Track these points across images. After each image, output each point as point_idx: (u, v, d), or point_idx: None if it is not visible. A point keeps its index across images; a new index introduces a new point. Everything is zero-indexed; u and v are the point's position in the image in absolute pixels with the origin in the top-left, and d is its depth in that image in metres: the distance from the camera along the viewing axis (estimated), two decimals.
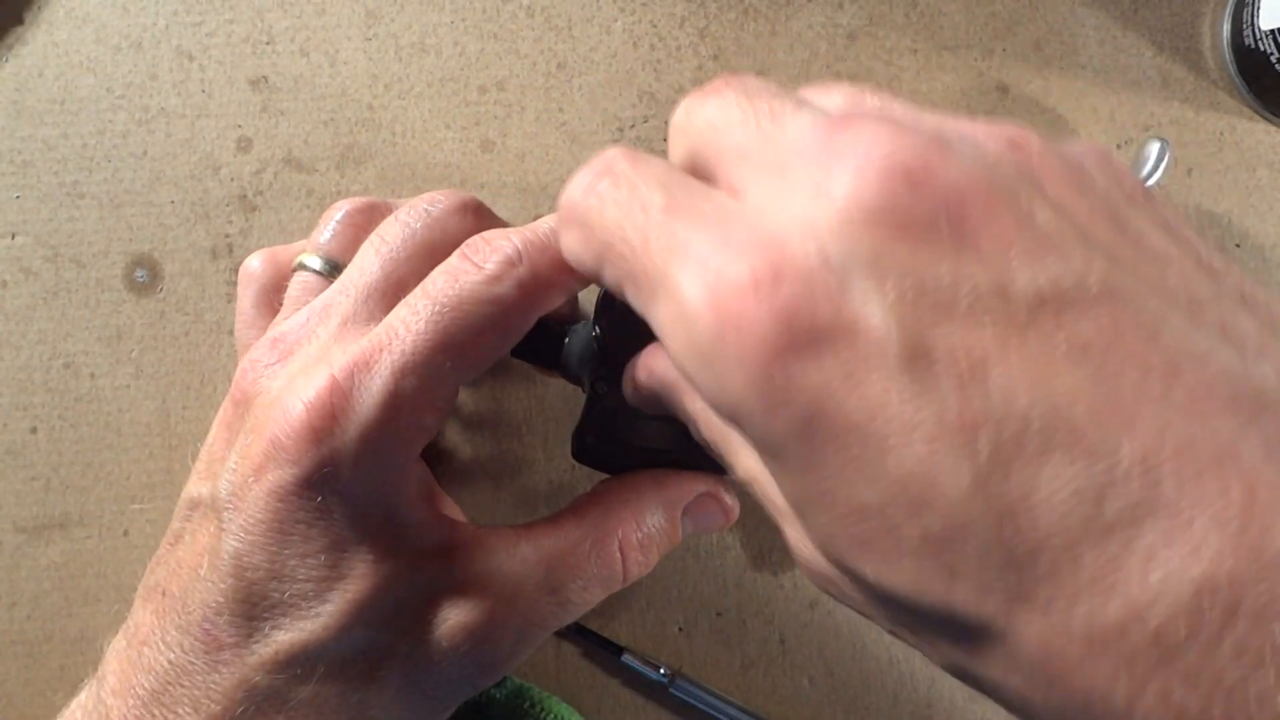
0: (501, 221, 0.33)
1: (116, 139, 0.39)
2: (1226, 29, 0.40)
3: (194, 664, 0.28)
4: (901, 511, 0.18)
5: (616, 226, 0.21)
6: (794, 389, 0.18)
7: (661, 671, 0.37)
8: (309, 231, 0.34)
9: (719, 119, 0.22)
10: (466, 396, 0.39)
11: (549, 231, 0.28)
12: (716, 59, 0.40)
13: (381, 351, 0.27)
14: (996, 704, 0.19)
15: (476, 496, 0.38)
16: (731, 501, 0.33)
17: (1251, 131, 0.40)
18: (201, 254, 0.39)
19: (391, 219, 0.31)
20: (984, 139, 0.20)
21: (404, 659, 0.29)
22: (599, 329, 0.32)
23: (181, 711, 0.28)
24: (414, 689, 0.29)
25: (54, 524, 0.38)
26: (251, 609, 0.28)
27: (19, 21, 0.39)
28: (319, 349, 0.29)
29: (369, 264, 0.30)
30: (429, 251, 0.30)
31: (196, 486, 0.30)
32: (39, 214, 0.38)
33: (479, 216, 0.32)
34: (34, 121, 0.39)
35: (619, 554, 0.31)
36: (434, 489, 0.31)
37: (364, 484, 0.28)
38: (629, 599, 0.38)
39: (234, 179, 0.39)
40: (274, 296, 0.34)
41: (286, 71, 0.39)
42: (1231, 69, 0.40)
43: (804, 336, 0.18)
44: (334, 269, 0.32)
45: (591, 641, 0.38)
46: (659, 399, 0.27)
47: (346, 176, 0.39)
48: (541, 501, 0.38)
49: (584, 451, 0.33)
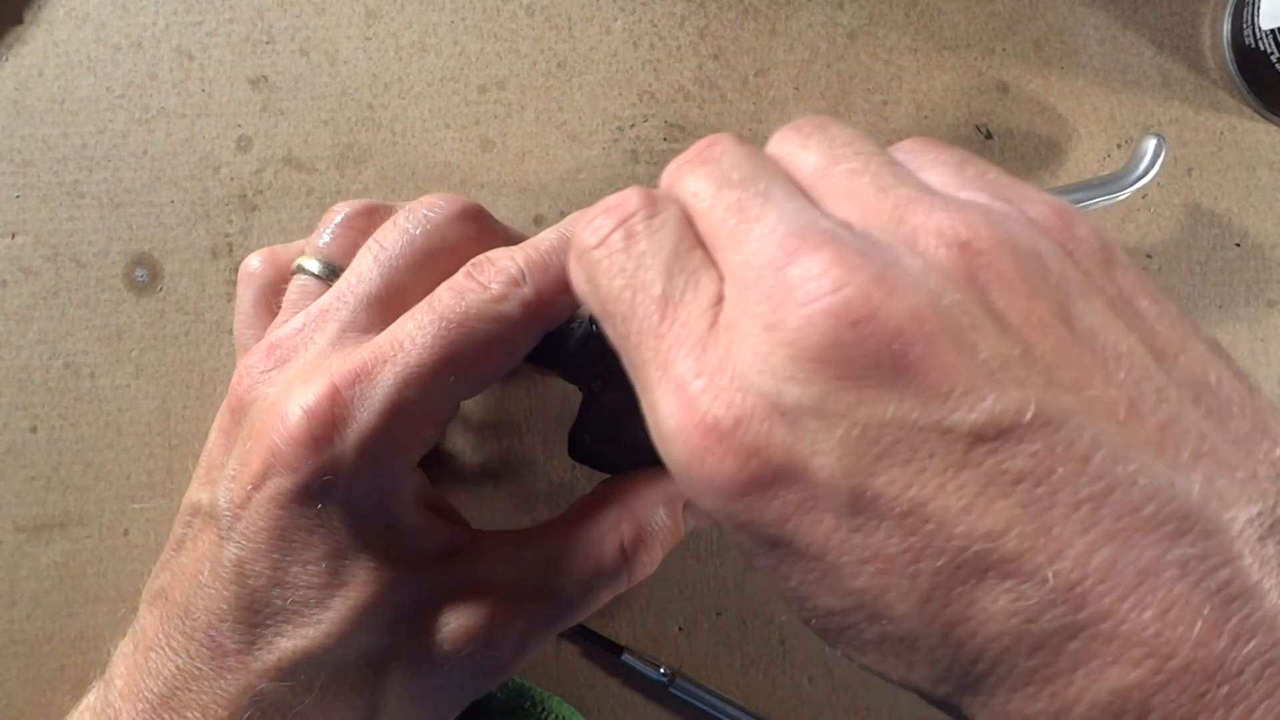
0: (501, 226, 0.33)
1: (116, 138, 0.39)
2: (1227, 28, 0.40)
3: (200, 670, 0.28)
4: (860, 617, 0.20)
5: (616, 300, 0.23)
6: (756, 517, 0.20)
7: (661, 671, 0.37)
8: (309, 231, 0.34)
9: (697, 199, 0.23)
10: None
11: (550, 250, 0.29)
12: (716, 58, 0.40)
13: (385, 362, 0.27)
14: None
15: (477, 497, 0.38)
16: None
17: (1251, 131, 0.40)
18: (201, 253, 0.38)
19: (390, 224, 0.31)
20: (935, 247, 0.20)
21: (407, 664, 0.29)
22: (595, 328, 0.32)
23: (189, 717, 0.28)
24: (417, 693, 0.29)
25: (54, 523, 0.38)
26: (254, 616, 0.28)
27: (19, 21, 0.39)
28: (316, 356, 0.29)
29: (367, 271, 0.30)
30: (428, 259, 0.30)
31: (197, 493, 0.30)
32: (39, 213, 0.38)
33: (478, 222, 0.32)
34: (34, 121, 0.39)
35: (623, 555, 0.31)
36: (434, 495, 0.31)
37: (363, 492, 0.28)
38: (629, 599, 0.38)
39: (234, 178, 0.39)
40: (273, 297, 0.33)
41: (286, 71, 0.39)
42: (1232, 68, 0.40)
43: (762, 477, 0.20)
44: (333, 272, 0.32)
45: (592, 641, 0.38)
46: None
47: (346, 176, 0.39)
48: (542, 502, 0.38)
49: (581, 451, 0.33)
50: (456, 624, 0.29)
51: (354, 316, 0.29)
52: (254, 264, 0.34)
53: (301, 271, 0.32)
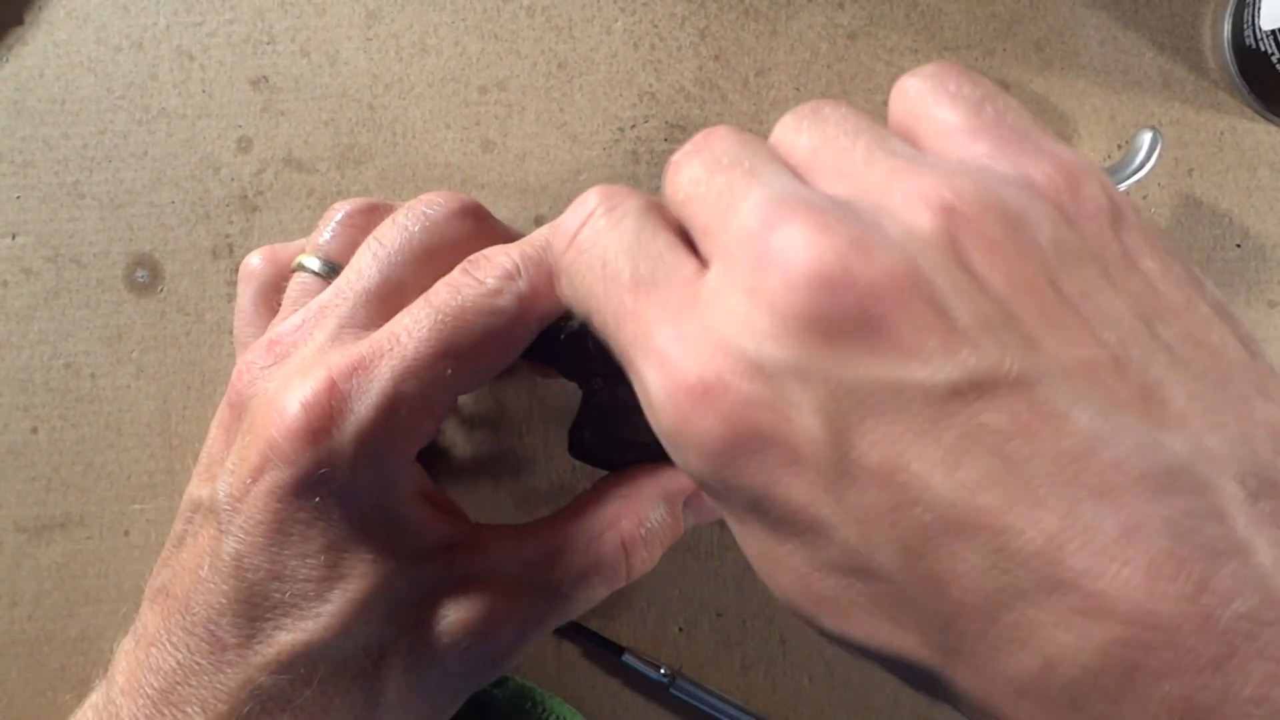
0: (500, 225, 0.33)
1: (117, 139, 0.39)
2: (1227, 29, 0.40)
3: (200, 664, 0.28)
4: (849, 576, 0.20)
5: (591, 294, 0.24)
6: (742, 478, 0.21)
7: (662, 671, 0.37)
8: (310, 231, 0.34)
9: (690, 187, 0.24)
10: (466, 396, 0.39)
11: (545, 245, 0.29)
12: (717, 59, 0.40)
13: (382, 356, 0.28)
14: None
15: (477, 496, 0.38)
16: None
17: (1252, 131, 0.40)
18: (202, 254, 0.39)
19: (389, 222, 0.31)
20: (918, 211, 0.20)
21: (405, 656, 0.29)
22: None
23: (190, 711, 0.28)
24: (416, 686, 0.29)
25: (55, 524, 0.38)
26: (253, 610, 0.28)
27: (19, 22, 0.39)
28: (315, 351, 0.29)
29: (366, 268, 0.30)
30: (426, 256, 0.30)
31: (197, 489, 0.30)
32: (40, 214, 0.38)
33: (477, 220, 0.32)
34: (35, 121, 0.39)
35: (622, 550, 0.31)
36: (433, 489, 0.31)
37: (361, 485, 0.28)
38: (629, 599, 0.38)
39: (234, 179, 0.39)
40: (273, 295, 0.34)
41: (287, 71, 0.39)
42: (1232, 69, 0.40)
43: (745, 439, 0.20)
44: (333, 270, 0.32)
45: (592, 642, 0.38)
46: None
47: (347, 176, 0.39)
48: (542, 501, 0.38)
49: (581, 448, 0.33)
50: (455, 617, 0.29)
51: (353, 313, 0.30)
52: (254, 262, 0.34)
53: (302, 269, 0.32)
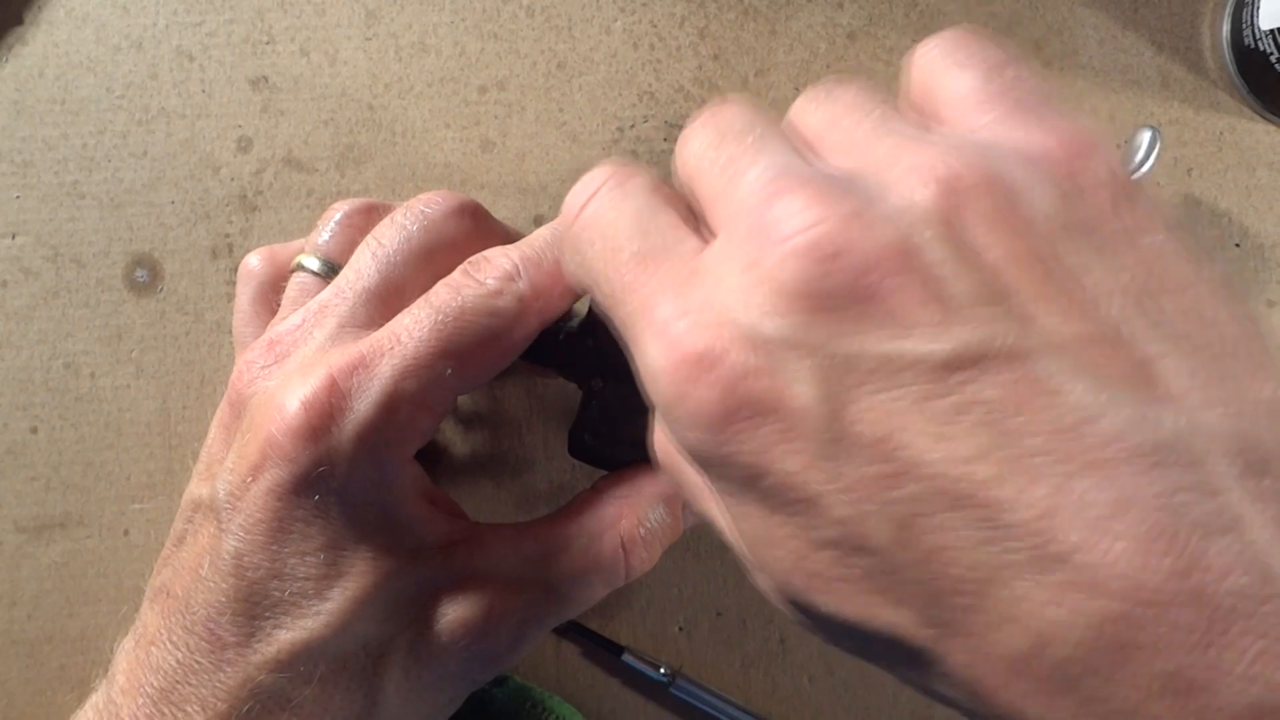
0: (499, 224, 0.33)
1: (117, 139, 0.39)
2: (1226, 29, 0.40)
3: (200, 663, 0.28)
4: (845, 549, 0.20)
5: (596, 268, 0.24)
6: (738, 450, 0.21)
7: (662, 671, 0.37)
8: (309, 231, 0.34)
9: (698, 158, 0.24)
10: (466, 395, 0.39)
11: (544, 246, 0.30)
12: (716, 59, 0.40)
13: (382, 355, 0.28)
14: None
15: (477, 496, 0.38)
16: None
17: (1251, 131, 0.40)
18: (202, 254, 0.39)
19: (388, 221, 0.31)
20: (916, 185, 0.21)
21: (405, 655, 0.29)
22: (594, 326, 0.32)
23: (190, 710, 0.28)
24: (416, 684, 0.29)
25: (55, 524, 0.38)
26: (253, 608, 0.28)
27: (19, 21, 0.39)
28: (315, 351, 0.29)
29: (365, 267, 0.30)
30: (425, 255, 0.31)
31: (197, 488, 0.30)
32: (39, 214, 0.38)
33: (476, 219, 0.32)
34: (34, 121, 0.39)
35: (621, 549, 0.31)
36: (432, 488, 0.31)
37: (361, 483, 0.28)
38: (629, 599, 0.38)
39: (234, 179, 0.39)
40: (272, 295, 0.34)
41: (287, 71, 0.39)
42: (1231, 69, 0.40)
43: (742, 409, 0.20)
44: (332, 270, 0.32)
45: (592, 641, 0.38)
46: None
47: (347, 176, 0.39)
48: (542, 501, 0.38)
49: (581, 449, 0.33)
50: (454, 615, 0.29)
51: (353, 312, 0.30)
52: (253, 262, 0.34)
53: (301, 269, 0.33)
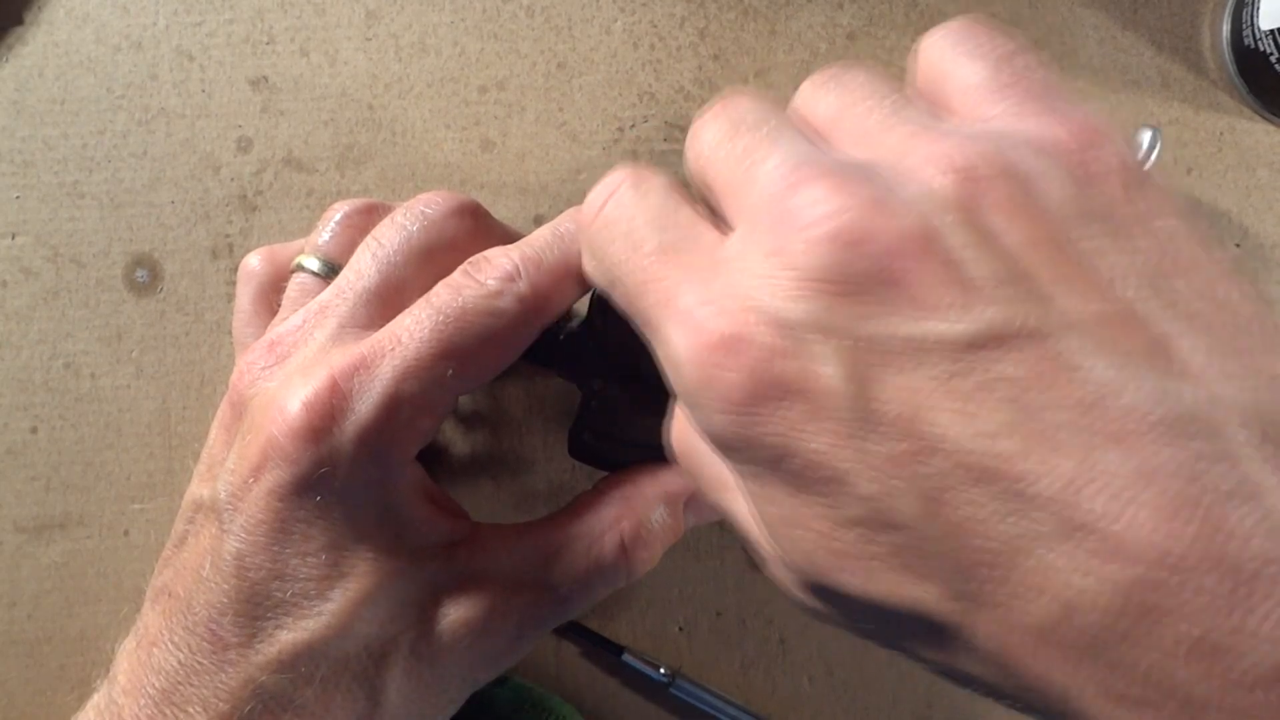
0: (499, 224, 0.33)
1: (117, 139, 0.39)
2: (1226, 29, 0.40)
3: (202, 664, 0.28)
4: (872, 527, 0.20)
5: (617, 265, 0.25)
6: (765, 432, 0.21)
7: (662, 671, 0.37)
8: (309, 231, 0.34)
9: (712, 150, 0.25)
10: (466, 396, 0.39)
11: (545, 246, 0.30)
12: (716, 59, 0.40)
13: (383, 356, 0.28)
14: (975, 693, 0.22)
15: (477, 496, 0.38)
16: None
17: (1251, 131, 0.40)
18: (202, 254, 0.39)
19: (388, 221, 0.31)
20: (934, 174, 0.21)
21: (406, 655, 0.29)
22: (594, 326, 0.32)
23: (192, 711, 0.28)
24: (417, 684, 0.29)
25: (54, 524, 0.38)
26: (255, 609, 0.28)
27: (19, 21, 0.39)
28: (316, 351, 0.29)
29: (365, 268, 0.30)
30: (425, 255, 0.31)
31: (198, 489, 0.30)
32: (39, 214, 0.38)
33: (476, 219, 0.32)
34: (34, 121, 0.39)
35: (622, 550, 0.31)
36: (434, 488, 0.31)
37: (362, 483, 0.28)
38: (629, 599, 0.38)
39: (234, 179, 0.39)
40: (272, 295, 0.34)
41: (287, 71, 0.39)
42: (1231, 69, 0.40)
43: (769, 390, 0.21)
44: (332, 270, 0.32)
45: (592, 641, 0.38)
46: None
47: (347, 176, 0.39)
48: (542, 501, 0.38)
49: (581, 449, 0.33)
50: (456, 615, 0.29)
51: (353, 312, 0.30)
52: (253, 263, 0.34)
53: (301, 269, 0.32)
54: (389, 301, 0.30)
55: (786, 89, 0.39)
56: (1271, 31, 0.37)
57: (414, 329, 0.28)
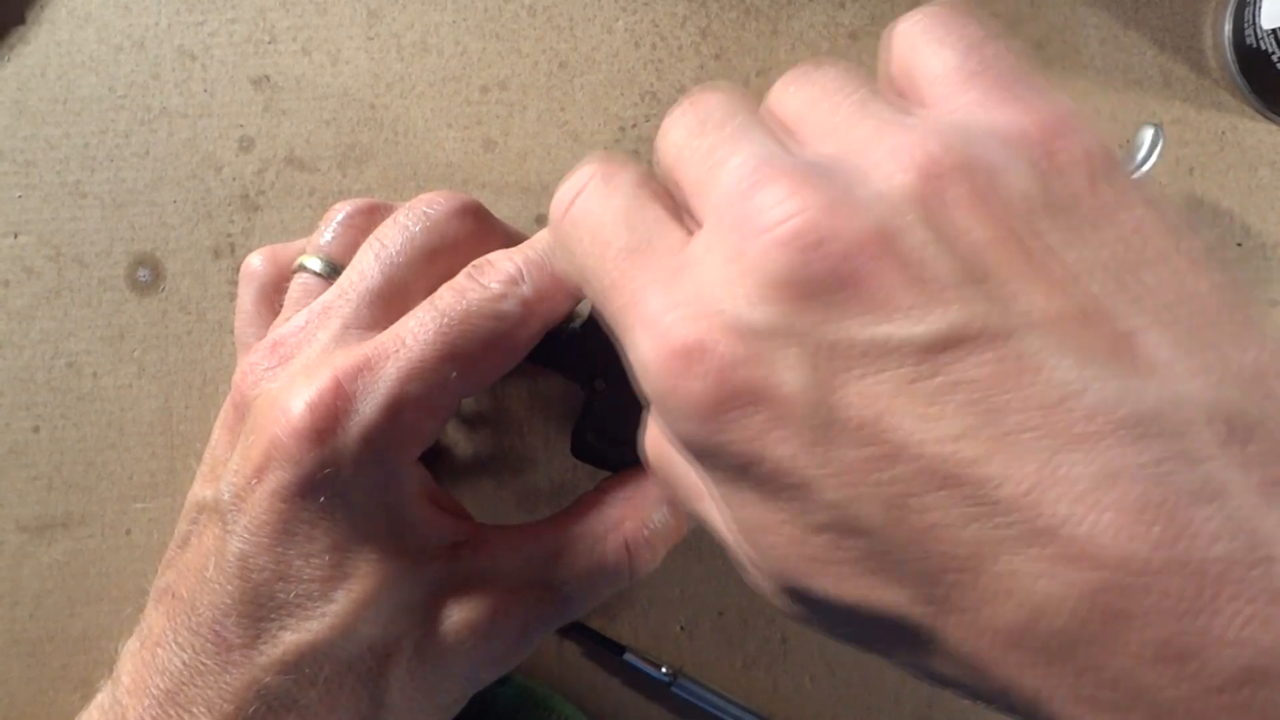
0: (500, 224, 0.33)
1: (119, 138, 0.39)
2: (1228, 28, 0.40)
3: (206, 665, 0.28)
4: (840, 532, 0.20)
5: (586, 265, 0.25)
6: (731, 439, 0.21)
7: (663, 671, 0.37)
8: (311, 231, 0.34)
9: (678, 148, 0.25)
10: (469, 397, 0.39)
11: (547, 248, 0.30)
12: (718, 58, 0.40)
13: (387, 357, 0.28)
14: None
15: (478, 495, 0.38)
16: None
17: (1253, 131, 0.40)
18: (203, 253, 0.39)
19: (390, 221, 0.31)
20: (895, 170, 0.21)
21: (410, 655, 0.29)
22: (596, 326, 0.32)
23: (196, 711, 0.28)
24: (421, 685, 0.29)
25: (56, 523, 0.38)
26: (258, 610, 0.28)
27: (21, 21, 0.39)
28: (319, 352, 0.29)
29: (368, 268, 0.30)
30: (428, 255, 0.31)
31: (201, 489, 0.30)
32: (41, 213, 0.38)
33: (478, 219, 0.32)
34: (36, 121, 0.39)
35: (625, 551, 0.31)
36: (437, 489, 0.31)
37: (366, 484, 0.28)
38: (631, 598, 0.38)
39: (236, 178, 0.39)
40: (274, 295, 0.34)
41: (288, 71, 0.39)
42: (1233, 68, 0.40)
43: (733, 398, 0.21)
44: (334, 270, 0.32)
45: (593, 641, 0.38)
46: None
47: (348, 176, 0.39)
48: (544, 500, 0.39)
49: (584, 449, 0.33)
50: (459, 616, 0.29)
51: (356, 313, 0.30)
52: (255, 263, 0.34)
53: (303, 270, 0.32)
54: (392, 302, 0.30)
55: None
56: (1273, 30, 0.37)
57: (418, 331, 0.28)
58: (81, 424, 0.38)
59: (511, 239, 0.32)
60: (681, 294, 0.22)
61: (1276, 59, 0.37)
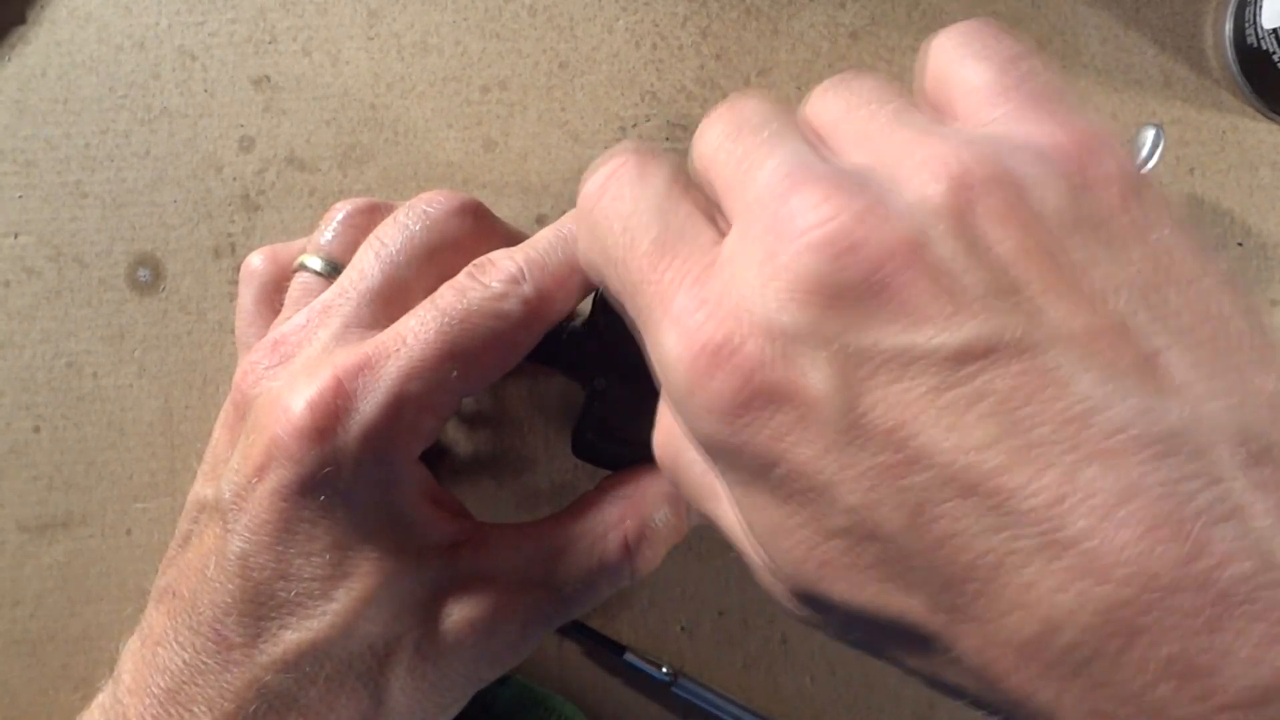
0: (501, 224, 0.33)
1: (119, 138, 0.39)
2: (1229, 28, 0.40)
3: (206, 664, 0.28)
4: (857, 537, 0.20)
5: (613, 256, 0.25)
6: (753, 439, 0.21)
7: (664, 671, 0.37)
8: (311, 231, 0.34)
9: (714, 150, 0.25)
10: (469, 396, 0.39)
11: (549, 248, 0.30)
12: (719, 58, 0.40)
13: (388, 356, 0.28)
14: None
15: (479, 495, 0.38)
16: None
17: (1254, 130, 0.40)
18: (204, 253, 0.39)
19: (390, 221, 0.31)
20: (928, 180, 0.21)
21: (410, 654, 0.29)
22: (597, 325, 0.32)
23: (197, 710, 0.28)
24: (421, 683, 0.29)
25: (57, 523, 0.38)
26: (259, 609, 0.28)
27: (22, 21, 0.39)
28: (320, 351, 0.29)
29: (369, 267, 0.30)
30: (428, 254, 0.31)
31: (201, 488, 0.30)
32: (42, 213, 0.38)
33: (478, 218, 0.32)
34: (37, 121, 0.39)
35: (626, 550, 0.31)
36: (437, 488, 0.31)
37: (366, 484, 0.28)
38: (631, 598, 0.38)
39: (236, 178, 0.39)
40: (275, 295, 0.34)
41: (289, 71, 0.39)
42: (1234, 68, 0.40)
43: (758, 397, 0.21)
44: (334, 270, 0.32)
45: (594, 641, 0.38)
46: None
47: (349, 176, 0.39)
48: (544, 500, 0.38)
49: (584, 448, 0.33)
50: (460, 615, 0.29)
51: (357, 312, 0.30)
52: (255, 262, 0.34)
53: (303, 269, 0.33)
54: (392, 301, 0.30)
55: (789, 88, 0.39)
56: (1274, 30, 0.37)
57: (419, 330, 0.28)
58: (82, 424, 0.38)
59: (512, 238, 0.32)
60: (711, 292, 0.22)
61: (1277, 58, 0.37)
